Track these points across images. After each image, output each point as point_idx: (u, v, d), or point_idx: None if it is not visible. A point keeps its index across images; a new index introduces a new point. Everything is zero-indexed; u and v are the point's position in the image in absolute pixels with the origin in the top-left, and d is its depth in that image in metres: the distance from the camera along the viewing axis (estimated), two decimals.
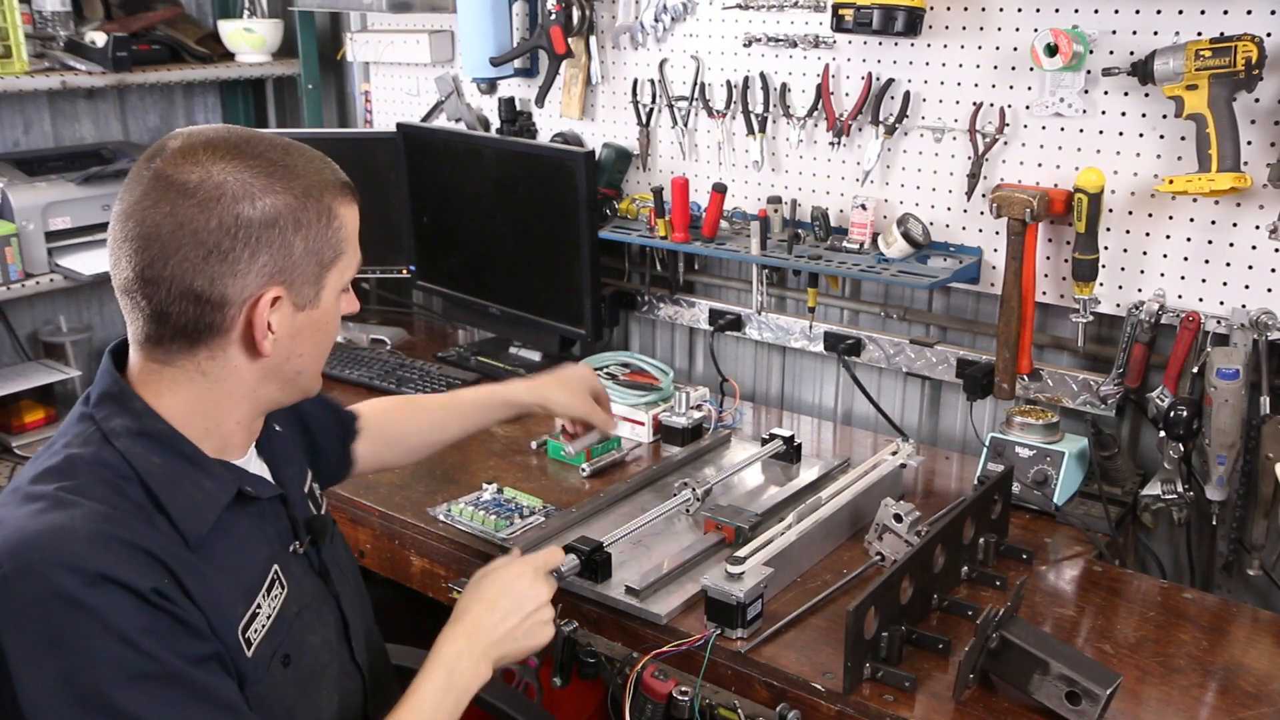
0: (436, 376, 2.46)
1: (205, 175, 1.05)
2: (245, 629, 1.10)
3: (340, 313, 1.20)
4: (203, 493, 1.10)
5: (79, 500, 1.03)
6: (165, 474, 1.08)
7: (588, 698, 1.79)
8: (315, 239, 1.11)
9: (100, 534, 1.01)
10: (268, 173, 1.08)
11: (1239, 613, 1.61)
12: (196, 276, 1.05)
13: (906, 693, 1.38)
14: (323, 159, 1.17)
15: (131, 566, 1.00)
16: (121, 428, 1.09)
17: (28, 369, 2.71)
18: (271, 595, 1.16)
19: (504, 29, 2.54)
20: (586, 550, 1.58)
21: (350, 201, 1.17)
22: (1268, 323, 1.75)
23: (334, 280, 1.15)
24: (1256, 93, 1.69)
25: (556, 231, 2.38)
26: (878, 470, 1.86)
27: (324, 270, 1.14)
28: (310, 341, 1.16)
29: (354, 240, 1.18)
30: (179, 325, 1.08)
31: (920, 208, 2.11)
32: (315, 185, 1.12)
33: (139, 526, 1.04)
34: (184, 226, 1.04)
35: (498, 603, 1.31)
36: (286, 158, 1.11)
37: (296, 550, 1.24)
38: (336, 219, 1.14)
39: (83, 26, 2.75)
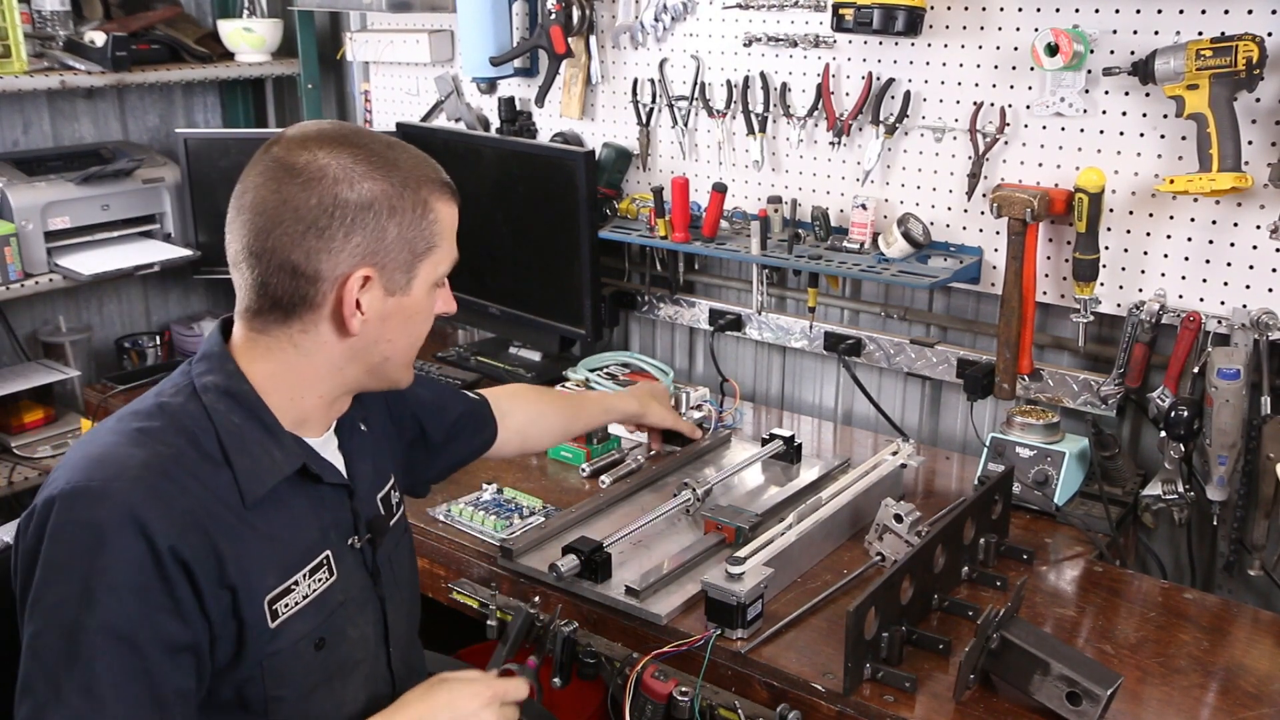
0: (436, 376, 2.46)
1: (311, 159, 1.14)
2: (274, 600, 1.15)
3: (435, 309, 1.26)
4: (270, 459, 1.17)
5: (150, 442, 1.11)
6: (240, 433, 1.15)
7: (588, 698, 1.79)
8: (409, 227, 1.17)
9: (150, 477, 1.08)
10: (369, 161, 1.15)
11: (1240, 613, 1.60)
12: (294, 250, 1.13)
13: (907, 693, 1.38)
14: (425, 158, 1.22)
15: (163, 516, 1.06)
16: (211, 384, 1.17)
17: (27, 369, 2.71)
18: (315, 577, 1.21)
19: (504, 29, 2.54)
20: (586, 550, 1.58)
21: (448, 200, 1.23)
22: (1268, 323, 1.75)
23: (426, 271, 1.21)
24: (1257, 92, 1.69)
25: (556, 231, 2.38)
26: (878, 470, 1.86)
27: (416, 259, 1.19)
28: (399, 328, 1.21)
29: (449, 237, 1.23)
30: (277, 296, 1.16)
31: (920, 208, 2.10)
32: (413, 178, 1.18)
33: (193, 480, 1.10)
34: (287, 203, 1.13)
35: (437, 714, 1.25)
36: (389, 151, 1.18)
37: (354, 544, 1.28)
38: (432, 212, 1.19)
39: (82, 26, 2.75)
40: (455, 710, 1.26)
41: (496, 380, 2.49)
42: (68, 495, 1.07)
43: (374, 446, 1.38)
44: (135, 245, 2.77)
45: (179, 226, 2.84)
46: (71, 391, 2.76)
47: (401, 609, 1.37)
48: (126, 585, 1.05)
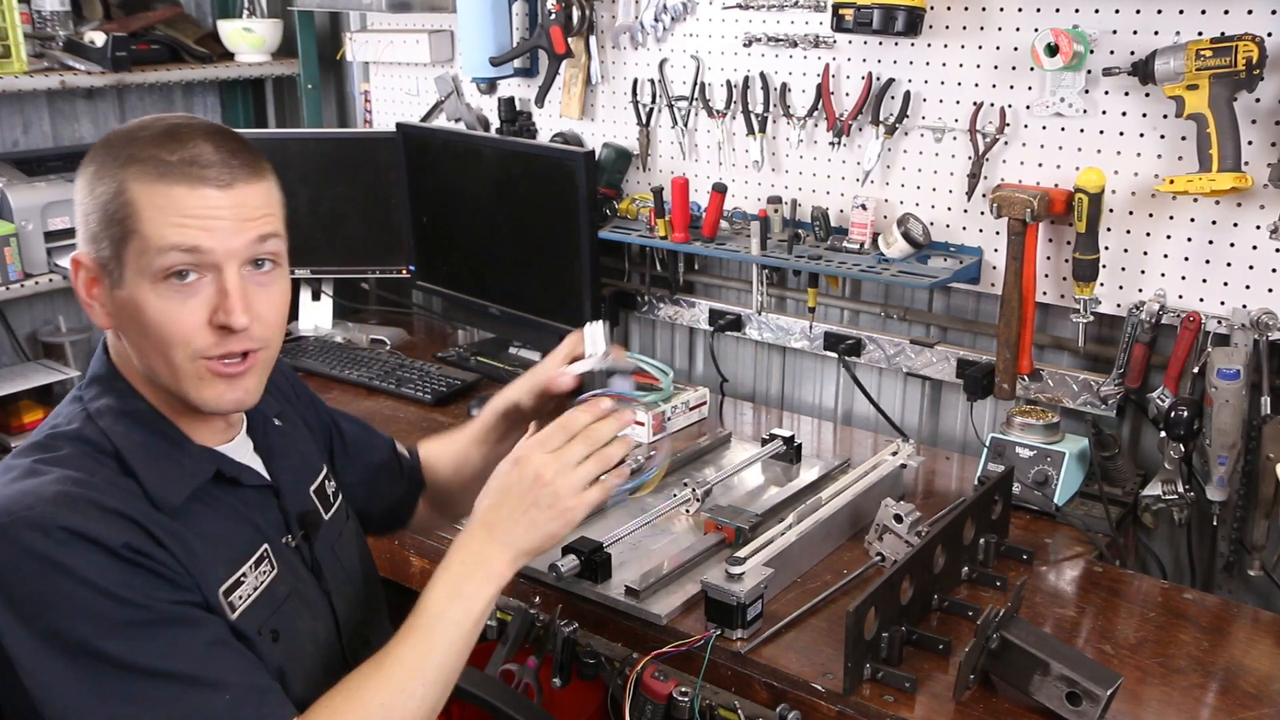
0: (436, 377, 2.46)
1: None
2: (229, 593, 1.12)
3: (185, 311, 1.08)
4: (179, 470, 1.13)
5: (54, 469, 1.07)
6: (143, 450, 1.11)
7: (588, 698, 1.78)
8: (104, 210, 1.08)
9: (67, 495, 1.04)
10: (102, 145, 1.11)
11: (1240, 613, 1.60)
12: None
13: (906, 693, 1.38)
14: (170, 131, 1.09)
15: (100, 523, 1.03)
16: (105, 408, 1.13)
17: (27, 369, 2.71)
18: (259, 570, 1.17)
19: (504, 29, 2.54)
20: (586, 551, 1.58)
21: (155, 180, 1.06)
22: (1268, 323, 1.75)
23: (132, 261, 1.07)
24: (1257, 92, 1.69)
25: (556, 231, 2.38)
26: (878, 470, 1.86)
27: (118, 246, 1.08)
28: (135, 328, 1.10)
29: (156, 222, 1.06)
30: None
31: (920, 208, 2.10)
32: (116, 159, 1.08)
33: (111, 490, 1.06)
34: None
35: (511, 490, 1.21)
36: (140, 129, 1.10)
37: (289, 543, 1.24)
38: (126, 192, 1.07)
39: (82, 26, 2.75)
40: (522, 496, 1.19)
41: (497, 380, 2.49)
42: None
43: (295, 439, 1.33)
44: None
45: None
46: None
47: (354, 600, 1.32)
48: (106, 582, 1.01)
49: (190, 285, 1.08)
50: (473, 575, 1.19)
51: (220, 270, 1.09)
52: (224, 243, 1.08)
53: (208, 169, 1.07)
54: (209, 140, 1.09)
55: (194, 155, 1.07)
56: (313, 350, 2.66)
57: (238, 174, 1.09)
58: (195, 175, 1.07)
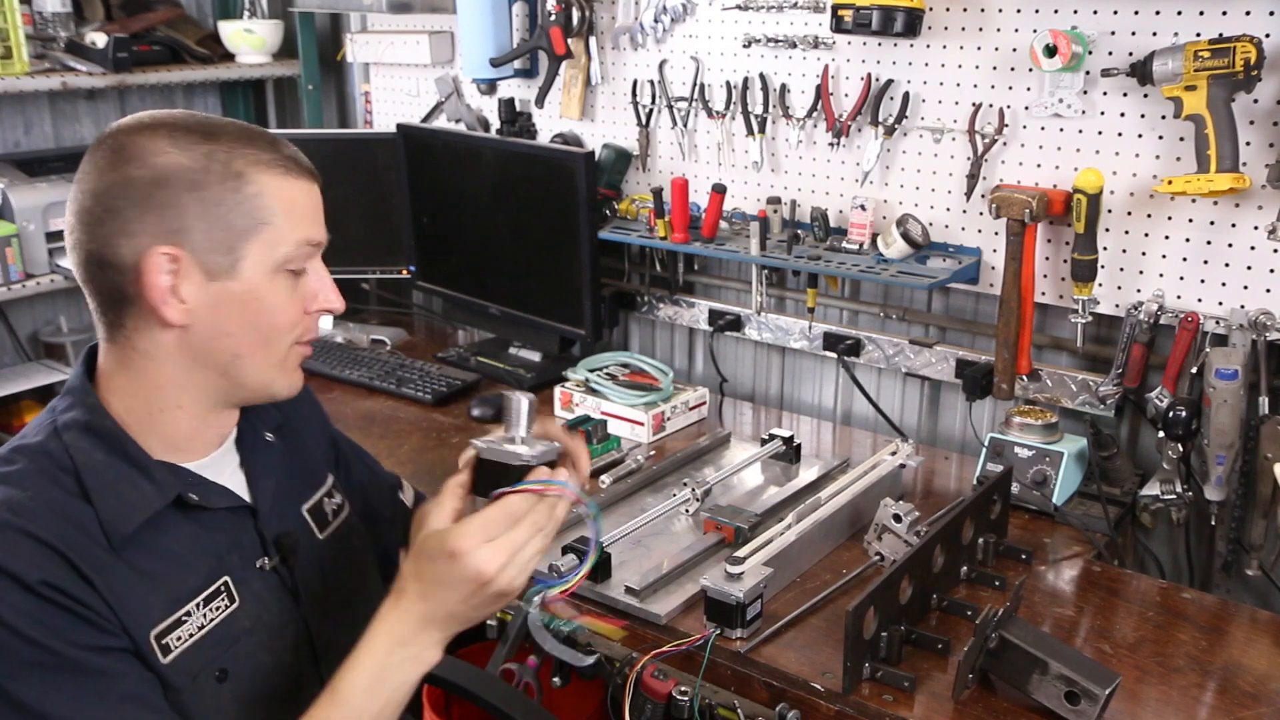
0: (436, 377, 2.47)
1: (116, 141, 1.08)
2: (162, 635, 1.07)
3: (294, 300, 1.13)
4: (137, 494, 1.08)
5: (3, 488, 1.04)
6: (103, 471, 1.08)
7: (588, 698, 1.79)
8: (217, 203, 1.07)
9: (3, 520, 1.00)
10: (172, 137, 1.07)
11: (1238, 613, 1.61)
12: (94, 239, 1.07)
13: (906, 693, 1.38)
14: (260, 134, 1.12)
15: (23, 556, 0.99)
16: (72, 421, 1.10)
17: (28, 369, 2.72)
18: (211, 606, 1.12)
19: (504, 30, 2.55)
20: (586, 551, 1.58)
21: (279, 174, 1.11)
22: (1266, 323, 1.75)
23: (256, 253, 1.09)
24: (1255, 93, 1.69)
25: (556, 232, 2.38)
26: (877, 470, 1.86)
27: (238, 239, 1.08)
28: (237, 319, 1.10)
29: (290, 214, 1.11)
30: (100, 294, 1.10)
31: (920, 208, 2.11)
32: (224, 150, 1.08)
33: (53, 520, 1.02)
34: (88, 189, 1.07)
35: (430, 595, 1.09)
36: (210, 128, 1.10)
37: (263, 567, 1.18)
38: (251, 185, 1.09)
39: (83, 27, 2.75)
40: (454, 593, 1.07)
41: (497, 380, 2.49)
42: None
43: (288, 456, 1.28)
44: None
45: None
46: None
47: (343, 624, 1.18)
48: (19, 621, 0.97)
49: (299, 276, 1.14)
50: (401, 666, 1.09)
51: (317, 261, 1.17)
52: (324, 236, 1.18)
53: (305, 164, 1.15)
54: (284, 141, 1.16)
55: (298, 154, 1.14)
56: (313, 350, 2.66)
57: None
58: (307, 173, 1.14)
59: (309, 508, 1.28)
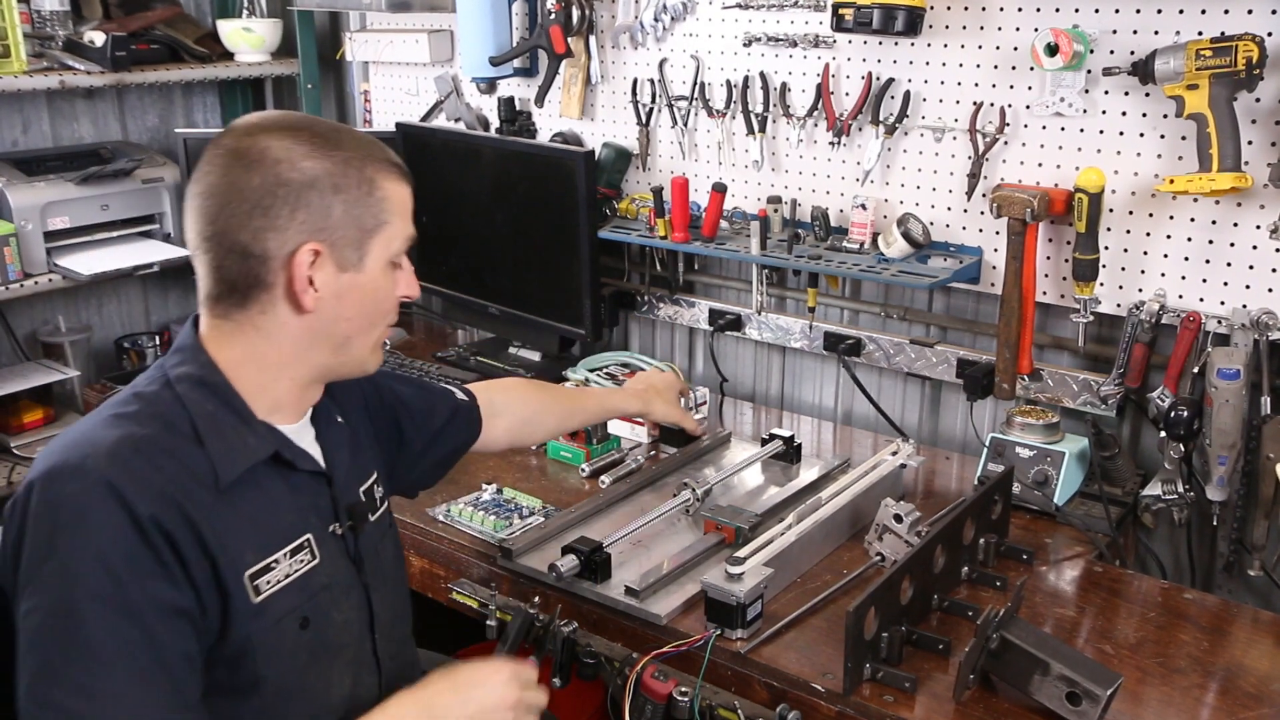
0: (436, 377, 2.46)
1: (254, 144, 1.18)
2: (255, 576, 1.18)
3: (395, 289, 1.27)
4: (243, 444, 1.20)
5: (125, 424, 1.14)
6: (213, 419, 1.18)
7: (588, 698, 1.79)
8: (355, 204, 1.20)
9: (124, 453, 1.10)
10: (311, 143, 1.19)
11: (1239, 613, 1.60)
12: (242, 231, 1.17)
13: (906, 693, 1.38)
14: (373, 141, 1.26)
15: (140, 488, 1.09)
16: (185, 375, 1.20)
17: (27, 369, 2.71)
18: (296, 558, 1.23)
19: (503, 29, 2.54)
20: (586, 550, 1.58)
21: (397, 179, 1.25)
22: (1268, 323, 1.75)
23: (378, 248, 1.23)
24: (1257, 92, 1.69)
25: (556, 231, 2.38)
26: (878, 470, 1.86)
27: (366, 236, 1.21)
28: (357, 305, 1.23)
29: (402, 215, 1.25)
30: (232, 280, 1.19)
31: (920, 208, 2.10)
32: (358, 157, 1.21)
33: (168, 459, 1.13)
34: (233, 186, 1.17)
35: (461, 688, 1.27)
36: (334, 133, 1.22)
37: (335, 531, 1.30)
38: (379, 189, 1.22)
39: (81, 26, 2.75)
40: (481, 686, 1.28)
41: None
42: (44, 476, 1.10)
43: (351, 440, 1.39)
44: (134, 245, 2.76)
45: (178, 226, 2.83)
46: (71, 392, 2.76)
47: (386, 600, 1.38)
48: (114, 554, 1.07)
49: (401, 268, 1.28)
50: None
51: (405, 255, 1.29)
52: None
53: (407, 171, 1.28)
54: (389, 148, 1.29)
55: (399, 160, 1.27)
56: None
57: None
58: (409, 176, 1.28)
59: (364, 490, 1.39)
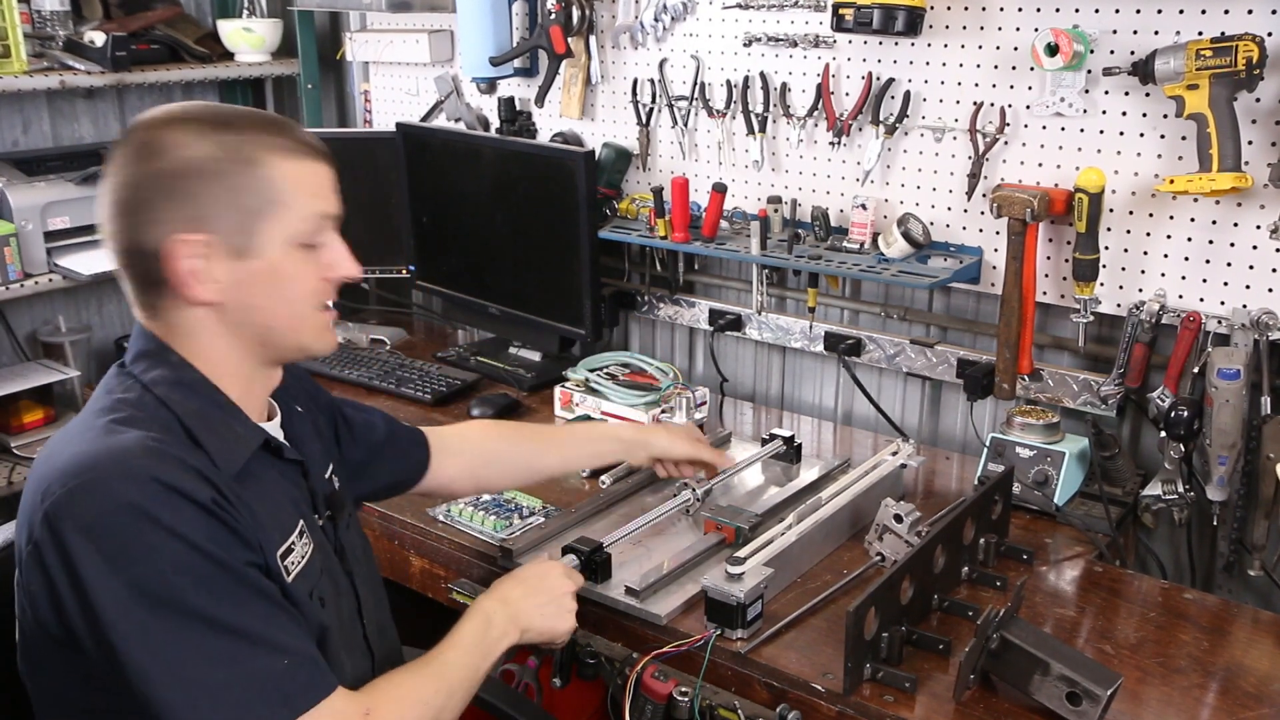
0: (436, 377, 2.46)
1: (143, 137, 1.16)
2: (284, 557, 1.19)
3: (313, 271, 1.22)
4: (235, 436, 1.19)
5: (131, 429, 1.12)
6: (202, 416, 1.17)
7: (588, 698, 1.78)
8: (235, 189, 1.15)
9: (156, 450, 1.09)
10: (198, 129, 1.16)
11: (1240, 613, 1.60)
12: (128, 229, 1.16)
13: (906, 693, 1.38)
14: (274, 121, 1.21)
15: (188, 479, 1.09)
16: (160, 378, 1.18)
17: (27, 369, 2.71)
18: (303, 541, 1.24)
19: (504, 29, 2.54)
20: (586, 551, 1.58)
21: (294, 157, 1.19)
22: (1269, 323, 1.75)
23: (274, 231, 1.17)
24: (1257, 92, 1.69)
25: (556, 231, 2.38)
26: (878, 470, 1.85)
27: (252, 219, 1.16)
28: (265, 293, 1.19)
29: (305, 193, 1.19)
30: (137, 280, 1.19)
31: (920, 208, 2.10)
32: (242, 140, 1.16)
33: (187, 450, 1.13)
34: (122, 183, 1.16)
35: (528, 580, 1.42)
36: (226, 118, 1.18)
37: (317, 521, 1.30)
38: (263, 168, 1.16)
39: (81, 26, 2.74)
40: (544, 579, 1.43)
41: (497, 380, 2.49)
42: (69, 501, 1.05)
43: (312, 427, 1.40)
44: None
45: None
46: (71, 391, 2.76)
47: (367, 585, 1.39)
48: (201, 540, 1.06)
49: (315, 248, 1.22)
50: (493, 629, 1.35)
51: (332, 234, 1.24)
52: (338, 208, 1.25)
53: (316, 145, 1.23)
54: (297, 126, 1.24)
55: (307, 137, 1.22)
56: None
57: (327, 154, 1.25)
58: (317, 151, 1.22)
59: (328, 475, 1.39)
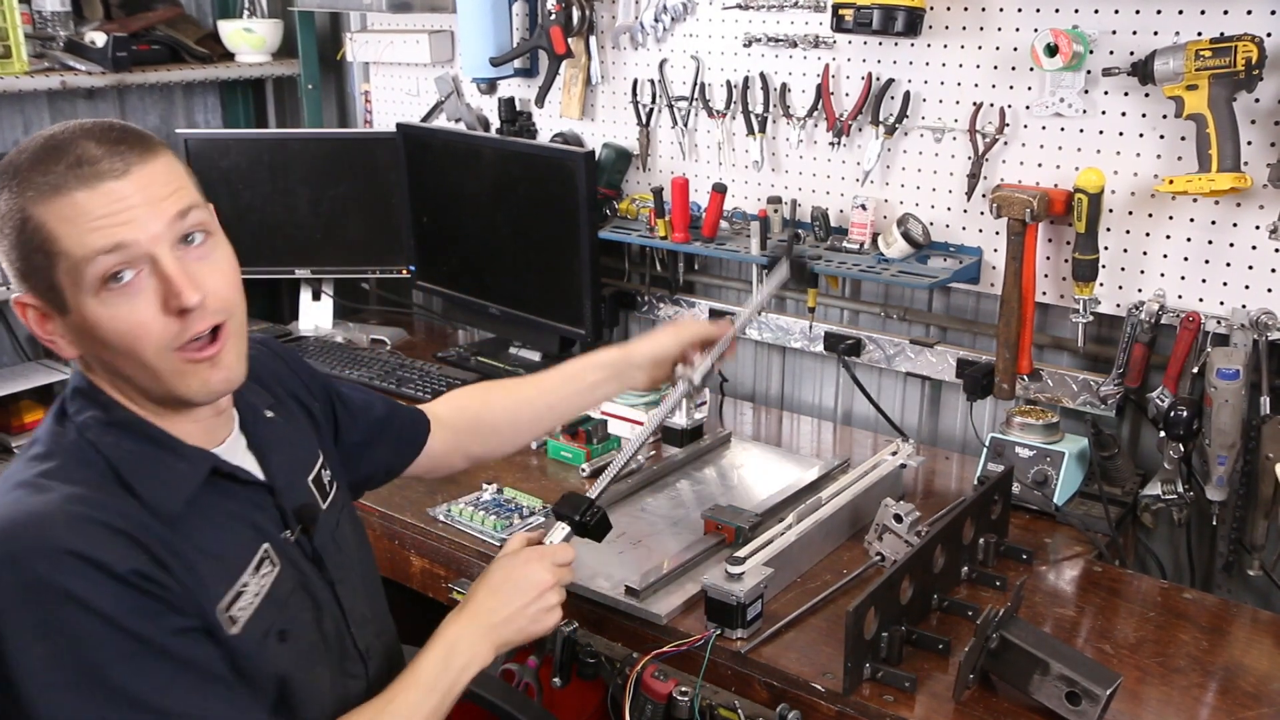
0: (436, 377, 2.46)
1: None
2: (227, 607, 1.12)
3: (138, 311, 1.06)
4: (174, 474, 1.12)
5: (56, 485, 1.06)
6: (135, 459, 1.11)
7: (588, 698, 1.78)
8: (16, 247, 1.06)
9: (77, 516, 1.03)
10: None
11: (1239, 613, 1.61)
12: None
13: (906, 693, 1.38)
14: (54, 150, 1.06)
15: (110, 548, 1.03)
16: (91, 420, 1.12)
17: (27, 369, 2.71)
18: (261, 573, 1.17)
19: (504, 29, 2.54)
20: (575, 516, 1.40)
21: (56, 196, 1.04)
22: (1268, 323, 1.75)
23: (66, 283, 1.05)
24: (1256, 93, 1.69)
25: (556, 231, 2.38)
26: (878, 470, 1.86)
27: (48, 274, 1.06)
28: (100, 347, 1.08)
29: (68, 236, 1.04)
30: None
31: (920, 208, 2.10)
32: (9, 192, 1.06)
33: (117, 505, 1.06)
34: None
35: (500, 588, 1.32)
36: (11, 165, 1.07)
37: (288, 538, 1.24)
38: (31, 223, 1.04)
39: (82, 26, 2.75)
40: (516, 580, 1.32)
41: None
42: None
43: (289, 430, 1.32)
44: None
45: None
46: None
47: (357, 588, 1.33)
48: (119, 614, 1.01)
49: (131, 284, 1.06)
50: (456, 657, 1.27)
51: (153, 258, 1.06)
52: (144, 230, 1.05)
53: (99, 164, 1.05)
54: (89, 138, 1.07)
55: (79, 157, 1.05)
56: (313, 350, 2.66)
57: (129, 159, 1.06)
58: (89, 175, 1.04)
59: (312, 479, 1.33)
